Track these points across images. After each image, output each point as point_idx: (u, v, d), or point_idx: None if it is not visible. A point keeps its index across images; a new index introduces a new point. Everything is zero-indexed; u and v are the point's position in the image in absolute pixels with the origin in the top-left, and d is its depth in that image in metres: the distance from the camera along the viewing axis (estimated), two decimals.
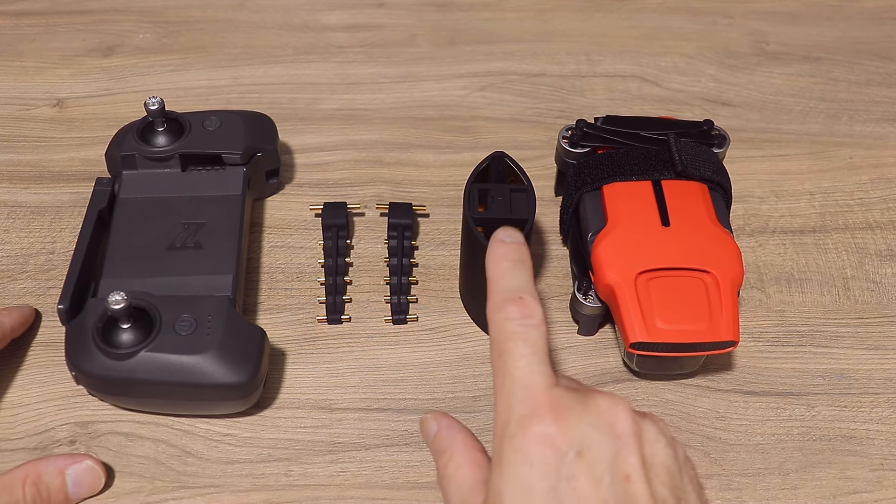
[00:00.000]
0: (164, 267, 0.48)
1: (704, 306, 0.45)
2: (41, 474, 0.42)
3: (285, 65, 0.66)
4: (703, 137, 0.53)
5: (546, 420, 0.33)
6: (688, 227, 0.48)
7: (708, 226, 0.48)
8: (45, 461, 0.43)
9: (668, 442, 0.35)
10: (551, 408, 0.34)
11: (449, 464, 0.37)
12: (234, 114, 0.55)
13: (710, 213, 0.49)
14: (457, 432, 0.38)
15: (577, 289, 0.49)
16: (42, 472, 0.42)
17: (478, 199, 0.48)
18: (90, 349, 0.44)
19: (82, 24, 0.69)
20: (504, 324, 0.36)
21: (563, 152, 0.54)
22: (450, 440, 0.38)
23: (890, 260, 0.56)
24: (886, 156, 0.62)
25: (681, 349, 0.45)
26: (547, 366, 0.35)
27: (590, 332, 0.51)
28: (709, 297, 0.45)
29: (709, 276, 0.46)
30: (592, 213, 0.50)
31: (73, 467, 0.43)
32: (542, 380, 0.34)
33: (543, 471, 0.33)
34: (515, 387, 0.34)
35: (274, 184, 0.57)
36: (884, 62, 0.68)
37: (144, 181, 0.52)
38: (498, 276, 0.38)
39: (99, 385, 0.45)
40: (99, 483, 0.44)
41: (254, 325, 0.47)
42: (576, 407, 0.34)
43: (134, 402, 0.47)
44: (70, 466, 0.43)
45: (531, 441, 0.33)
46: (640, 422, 0.34)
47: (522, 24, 0.70)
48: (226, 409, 0.47)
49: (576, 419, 0.33)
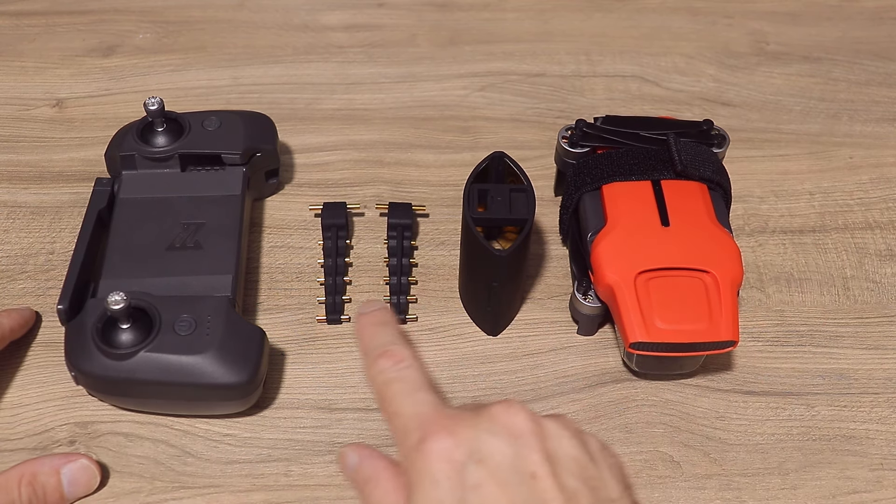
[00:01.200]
0: (164, 267, 0.48)
1: (704, 306, 0.45)
2: (36, 474, 0.42)
3: (285, 65, 0.66)
4: (702, 137, 0.53)
5: (440, 436, 0.33)
6: (687, 226, 0.48)
7: (707, 226, 0.48)
8: (40, 461, 0.43)
9: (573, 434, 0.35)
10: (443, 425, 0.34)
11: (375, 491, 0.37)
12: (233, 114, 0.55)
13: (709, 212, 0.49)
14: (378, 460, 0.38)
15: (577, 289, 0.49)
16: (37, 472, 0.42)
17: (477, 200, 0.48)
18: (90, 349, 0.44)
19: (82, 24, 0.69)
20: (379, 375, 0.36)
21: (562, 152, 0.54)
22: (373, 468, 0.37)
23: (889, 260, 0.56)
24: (886, 156, 0.62)
25: (680, 349, 0.45)
26: (430, 394, 0.36)
27: (589, 332, 0.51)
28: (708, 296, 0.45)
29: (708, 276, 0.46)
30: (592, 212, 0.50)
31: (68, 466, 0.43)
32: (428, 406, 0.35)
33: (449, 485, 0.32)
34: (405, 419, 0.35)
35: (273, 184, 0.57)
36: (884, 62, 0.68)
37: (144, 181, 0.52)
38: (366, 342, 0.38)
39: (99, 385, 0.45)
40: (94, 482, 0.44)
41: (253, 325, 0.47)
42: (468, 418, 0.34)
43: (134, 403, 0.47)
44: (65, 465, 0.43)
45: (431, 460, 0.33)
46: (538, 420, 0.34)
47: (522, 24, 0.70)
48: (226, 410, 0.47)
49: (470, 429, 0.33)
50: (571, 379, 0.50)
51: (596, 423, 0.48)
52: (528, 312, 0.52)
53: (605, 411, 0.48)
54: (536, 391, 0.49)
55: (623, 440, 0.47)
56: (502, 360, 0.50)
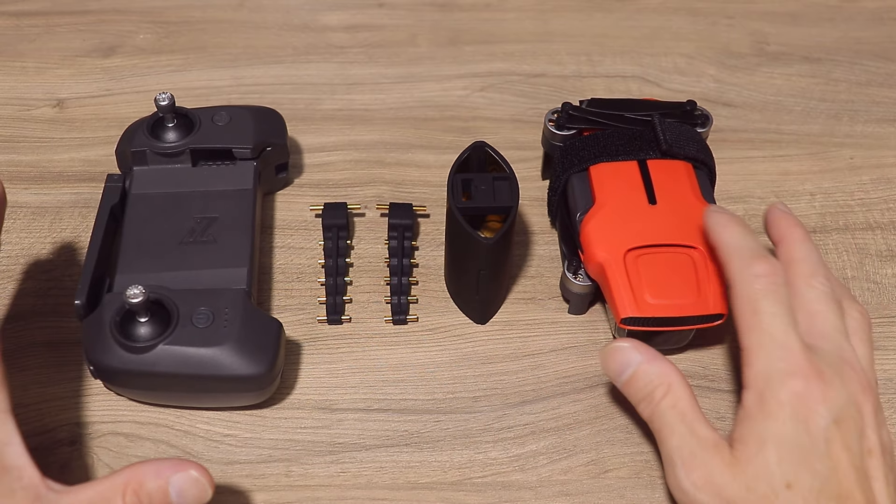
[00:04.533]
0: (179, 261, 0.48)
1: (692, 281, 0.46)
2: (143, 483, 0.38)
3: (285, 65, 0.66)
4: (686, 117, 0.54)
5: (811, 382, 0.37)
6: (674, 204, 0.49)
7: (694, 203, 0.49)
8: (144, 467, 0.38)
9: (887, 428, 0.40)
10: (814, 370, 0.38)
11: (668, 396, 0.40)
12: (243, 109, 0.55)
13: (695, 190, 0.50)
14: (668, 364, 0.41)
15: (567, 268, 0.50)
16: (143, 480, 0.38)
17: (461, 189, 0.48)
18: (108, 343, 0.44)
19: (82, 25, 0.69)
20: (754, 280, 0.39)
21: (549, 135, 0.54)
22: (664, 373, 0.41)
23: (890, 260, 0.56)
24: (887, 156, 0.62)
25: (670, 323, 0.46)
26: (797, 326, 0.39)
27: (580, 310, 0.52)
28: (696, 271, 0.46)
29: (696, 251, 0.47)
30: (580, 193, 0.51)
31: (176, 476, 0.38)
32: (798, 341, 0.38)
33: (807, 429, 0.37)
34: (774, 344, 0.38)
35: (283, 178, 0.57)
36: (884, 62, 0.68)
37: (155, 177, 0.52)
38: (735, 237, 0.42)
39: (118, 379, 0.45)
40: (205, 496, 0.38)
41: (270, 316, 0.47)
42: (834, 377, 0.38)
43: (152, 396, 0.47)
44: (174, 475, 0.38)
45: (796, 399, 0.37)
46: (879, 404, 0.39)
47: (523, 25, 0.70)
48: (243, 401, 0.47)
49: (837, 388, 0.37)
50: (573, 379, 0.50)
51: (597, 423, 0.48)
52: (528, 312, 0.52)
53: (606, 411, 0.48)
54: (537, 391, 0.49)
55: (624, 440, 0.47)
56: (503, 360, 0.50)
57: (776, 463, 0.37)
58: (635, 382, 0.41)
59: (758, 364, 0.38)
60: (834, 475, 0.36)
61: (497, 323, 0.52)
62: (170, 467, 0.38)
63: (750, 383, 0.39)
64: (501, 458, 0.47)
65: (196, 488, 0.38)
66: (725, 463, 0.38)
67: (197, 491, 0.38)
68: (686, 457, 0.39)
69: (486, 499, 0.45)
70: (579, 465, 0.46)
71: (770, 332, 0.38)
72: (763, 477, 0.37)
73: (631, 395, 0.42)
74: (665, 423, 0.40)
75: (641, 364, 0.41)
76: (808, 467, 0.36)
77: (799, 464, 0.36)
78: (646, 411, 0.41)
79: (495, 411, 0.48)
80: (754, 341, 0.39)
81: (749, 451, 0.37)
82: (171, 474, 0.38)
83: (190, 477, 0.38)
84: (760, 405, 0.38)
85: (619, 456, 0.47)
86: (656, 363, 0.41)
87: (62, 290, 0.52)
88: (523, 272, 0.54)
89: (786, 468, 0.37)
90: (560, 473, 0.46)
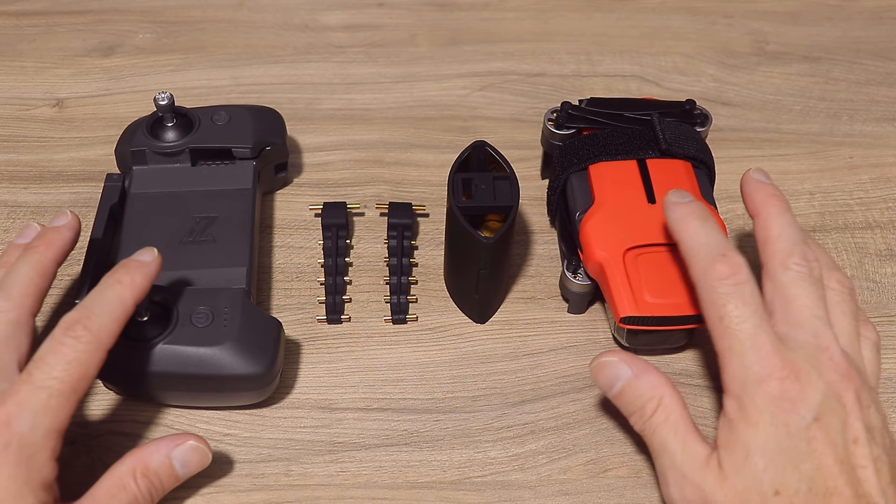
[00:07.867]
0: (178, 261, 0.48)
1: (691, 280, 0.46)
2: (148, 464, 0.40)
3: (285, 65, 0.66)
4: (685, 117, 0.54)
5: (786, 383, 0.37)
6: None
7: None
8: (147, 449, 0.41)
9: (877, 406, 0.38)
10: (788, 369, 0.37)
11: (659, 410, 0.39)
12: (242, 108, 0.55)
13: (694, 189, 0.50)
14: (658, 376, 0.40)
15: (567, 267, 0.50)
16: (148, 462, 0.40)
17: (462, 189, 0.48)
18: None
19: (82, 24, 0.69)
20: (717, 285, 0.38)
21: (548, 134, 0.55)
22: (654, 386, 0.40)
23: (889, 259, 0.56)
24: (886, 155, 0.62)
25: (669, 322, 0.46)
26: (768, 322, 0.38)
27: (580, 310, 0.52)
28: None
29: None
30: (580, 192, 0.51)
31: (177, 449, 0.41)
32: (769, 340, 0.37)
33: (788, 432, 0.36)
34: (744, 348, 0.37)
35: (282, 177, 0.57)
36: (884, 62, 0.68)
37: (155, 176, 0.52)
38: (693, 235, 0.40)
39: (117, 378, 0.45)
40: (206, 460, 0.42)
41: (269, 315, 0.47)
42: (810, 371, 0.37)
43: (151, 395, 0.47)
44: (174, 449, 0.41)
45: (773, 404, 0.37)
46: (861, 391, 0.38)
47: (522, 24, 0.70)
48: (243, 401, 0.47)
49: (814, 383, 0.37)
50: (572, 378, 0.50)
51: (596, 422, 0.48)
52: (528, 312, 0.52)
53: (605, 411, 0.48)
54: (537, 391, 0.49)
55: (623, 440, 0.47)
56: (502, 359, 0.50)
57: (763, 471, 0.37)
58: (625, 396, 0.41)
59: (731, 369, 0.38)
60: (819, 473, 0.36)
61: (496, 322, 0.52)
62: (168, 443, 0.41)
63: (728, 389, 0.38)
64: (501, 457, 0.47)
65: (197, 455, 0.41)
66: (715, 478, 0.38)
67: (199, 457, 0.42)
68: (678, 476, 0.39)
69: (486, 498, 0.45)
70: (578, 464, 0.46)
71: (739, 337, 0.38)
72: (753, 487, 0.37)
73: (622, 409, 0.42)
74: (656, 438, 0.40)
75: (631, 378, 0.41)
76: (793, 470, 0.36)
77: (784, 468, 0.36)
78: (637, 424, 0.41)
79: (495, 410, 0.48)
80: (725, 346, 0.38)
81: (736, 462, 0.37)
82: (172, 448, 0.41)
83: (190, 447, 0.41)
84: (740, 412, 0.37)
85: (618, 455, 0.47)
86: (646, 376, 0.41)
87: (62, 290, 0.52)
88: (523, 272, 0.54)
89: (772, 475, 0.36)
90: (559, 473, 0.46)
